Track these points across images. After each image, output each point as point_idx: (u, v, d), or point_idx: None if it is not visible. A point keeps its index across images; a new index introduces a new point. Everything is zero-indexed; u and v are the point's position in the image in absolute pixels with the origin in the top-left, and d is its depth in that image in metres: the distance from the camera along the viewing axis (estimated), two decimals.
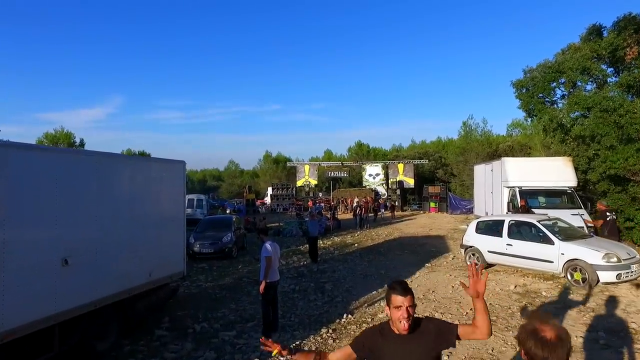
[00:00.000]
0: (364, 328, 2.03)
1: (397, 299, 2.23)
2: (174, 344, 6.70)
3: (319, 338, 6.72)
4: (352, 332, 6.94)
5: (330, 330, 7.07)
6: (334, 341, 6.62)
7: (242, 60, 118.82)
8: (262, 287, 6.82)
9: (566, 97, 15.77)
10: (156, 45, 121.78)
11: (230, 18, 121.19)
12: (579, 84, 15.11)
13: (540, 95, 16.21)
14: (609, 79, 14.55)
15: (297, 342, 6.51)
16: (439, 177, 39.01)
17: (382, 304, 8.49)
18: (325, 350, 6.31)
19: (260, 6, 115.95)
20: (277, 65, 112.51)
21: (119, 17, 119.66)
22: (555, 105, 16.47)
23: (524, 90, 16.45)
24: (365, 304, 8.55)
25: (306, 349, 2.57)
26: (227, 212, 30.76)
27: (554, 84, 15.80)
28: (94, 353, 5.90)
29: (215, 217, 19.92)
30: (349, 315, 7.82)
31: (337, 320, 7.58)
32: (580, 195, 13.59)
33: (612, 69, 14.83)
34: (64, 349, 5.42)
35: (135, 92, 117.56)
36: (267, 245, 7.03)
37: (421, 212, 33.20)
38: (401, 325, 2.20)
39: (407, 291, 2.26)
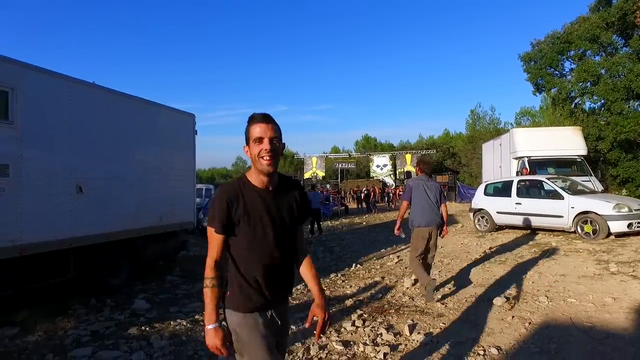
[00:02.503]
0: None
1: (256, 129, 1.74)
2: (185, 284, 6.82)
3: (328, 280, 6.78)
4: (361, 276, 6.99)
5: (339, 275, 7.14)
6: (342, 282, 6.68)
7: (245, 62, 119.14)
8: None
9: (575, 70, 15.59)
10: (162, 49, 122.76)
11: (233, 21, 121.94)
12: (588, 54, 14.94)
13: (549, 68, 16.03)
14: (618, 48, 14.35)
15: None
16: (447, 166, 38.79)
17: (391, 256, 8.51)
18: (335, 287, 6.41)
19: (262, 8, 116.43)
20: (280, 67, 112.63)
21: (124, 21, 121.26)
22: (564, 79, 16.28)
23: (532, 63, 16.31)
24: (374, 258, 8.59)
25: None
26: None
27: (563, 56, 15.63)
28: (107, 286, 6.02)
29: None
30: (358, 265, 7.91)
31: (347, 269, 7.66)
32: (591, 166, 13.44)
33: (622, 39, 14.67)
34: (77, 275, 5.54)
35: (143, 95, 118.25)
36: None
37: None
38: (264, 161, 1.73)
39: (268, 119, 1.78)
